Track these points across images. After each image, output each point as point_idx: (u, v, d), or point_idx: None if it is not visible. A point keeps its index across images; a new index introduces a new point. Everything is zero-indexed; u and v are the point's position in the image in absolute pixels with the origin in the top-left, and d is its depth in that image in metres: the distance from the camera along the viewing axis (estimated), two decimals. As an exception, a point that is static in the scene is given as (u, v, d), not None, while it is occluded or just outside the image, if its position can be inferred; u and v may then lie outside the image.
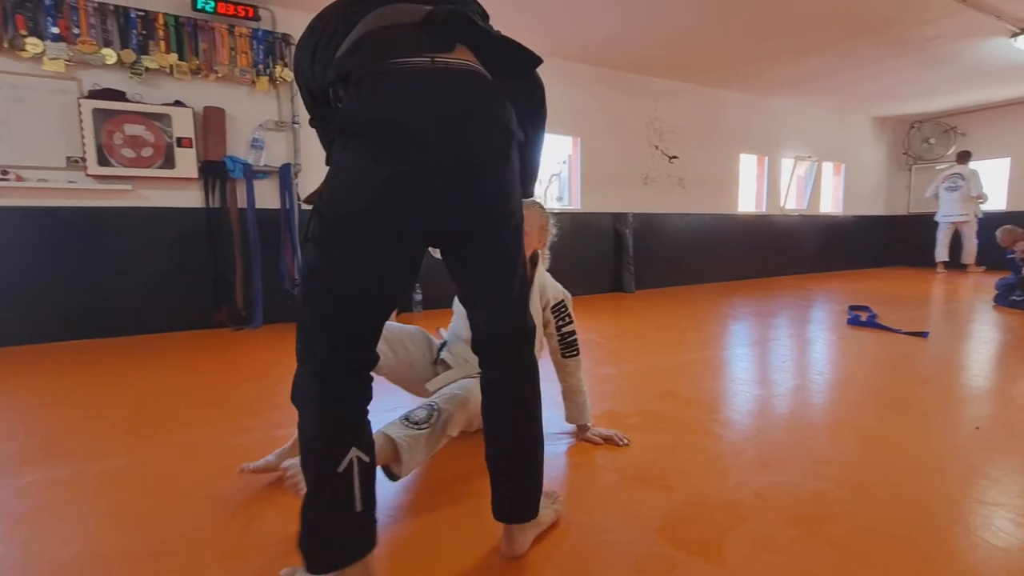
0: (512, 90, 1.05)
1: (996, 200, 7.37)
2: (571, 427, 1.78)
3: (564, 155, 5.60)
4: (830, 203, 7.77)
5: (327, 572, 0.93)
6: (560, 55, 4.95)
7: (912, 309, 4.22)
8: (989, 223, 6.45)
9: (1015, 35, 4.52)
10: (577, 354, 1.70)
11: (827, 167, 7.57)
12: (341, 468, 0.93)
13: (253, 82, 3.70)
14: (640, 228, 5.66)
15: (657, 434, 1.78)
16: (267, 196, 3.85)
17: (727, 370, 2.61)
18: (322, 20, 1.02)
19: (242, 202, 3.75)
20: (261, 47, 3.70)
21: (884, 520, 1.25)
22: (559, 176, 5.82)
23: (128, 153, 3.38)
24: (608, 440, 1.70)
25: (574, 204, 5.46)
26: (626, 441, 1.69)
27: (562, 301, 1.70)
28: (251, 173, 3.73)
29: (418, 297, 4.39)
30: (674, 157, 5.95)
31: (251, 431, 1.83)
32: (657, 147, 5.83)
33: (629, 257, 5.56)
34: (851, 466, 1.53)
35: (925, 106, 7.31)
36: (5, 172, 3.14)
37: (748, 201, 6.87)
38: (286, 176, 3.84)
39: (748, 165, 6.79)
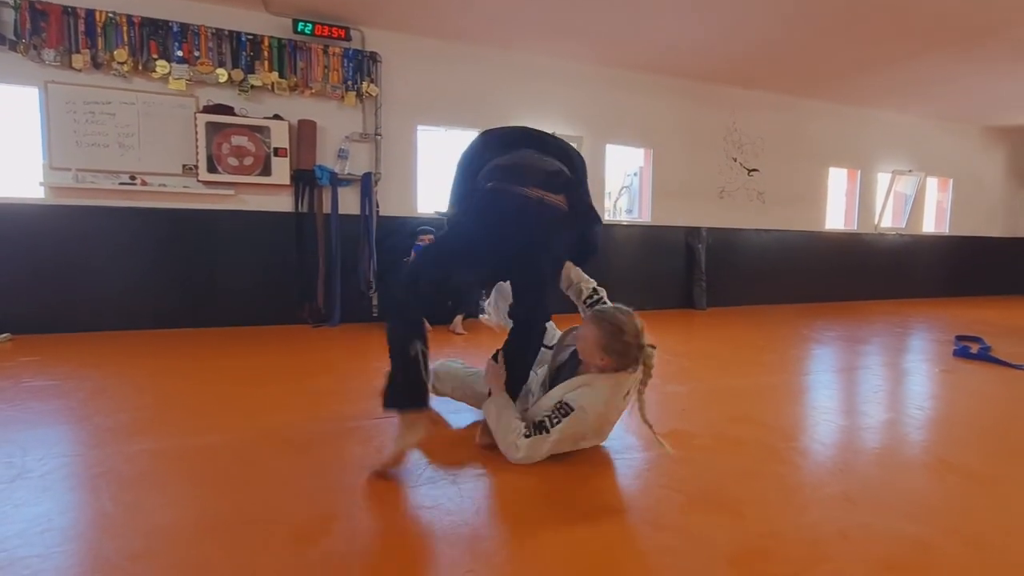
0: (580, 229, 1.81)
1: None
2: (635, 441, 1.72)
3: (635, 167, 5.51)
4: (934, 222, 7.05)
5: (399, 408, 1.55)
6: (633, 66, 4.89)
7: (1035, 343, 3.72)
8: None
9: None
10: (547, 432, 1.57)
11: (931, 182, 6.88)
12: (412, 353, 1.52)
13: (342, 97, 3.97)
14: (714, 243, 5.42)
15: (729, 458, 1.69)
16: (349, 203, 4.09)
17: (808, 396, 2.42)
18: (489, 135, 1.99)
19: (327, 208, 4.02)
20: (351, 65, 3.96)
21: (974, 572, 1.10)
22: (629, 188, 5.72)
23: (233, 162, 3.72)
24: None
25: (644, 217, 5.34)
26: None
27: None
28: (336, 181, 3.99)
29: (483, 304, 4.45)
30: (754, 170, 5.67)
31: (326, 421, 1.94)
32: (735, 159, 5.58)
33: (701, 273, 5.33)
34: (958, 514, 1.36)
35: (1055, 116, 6.48)
36: (133, 177, 3.57)
37: (836, 218, 6.39)
38: (367, 184, 4.06)
39: (838, 179, 6.33)
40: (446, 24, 4.01)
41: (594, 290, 1.85)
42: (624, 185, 5.86)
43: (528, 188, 1.61)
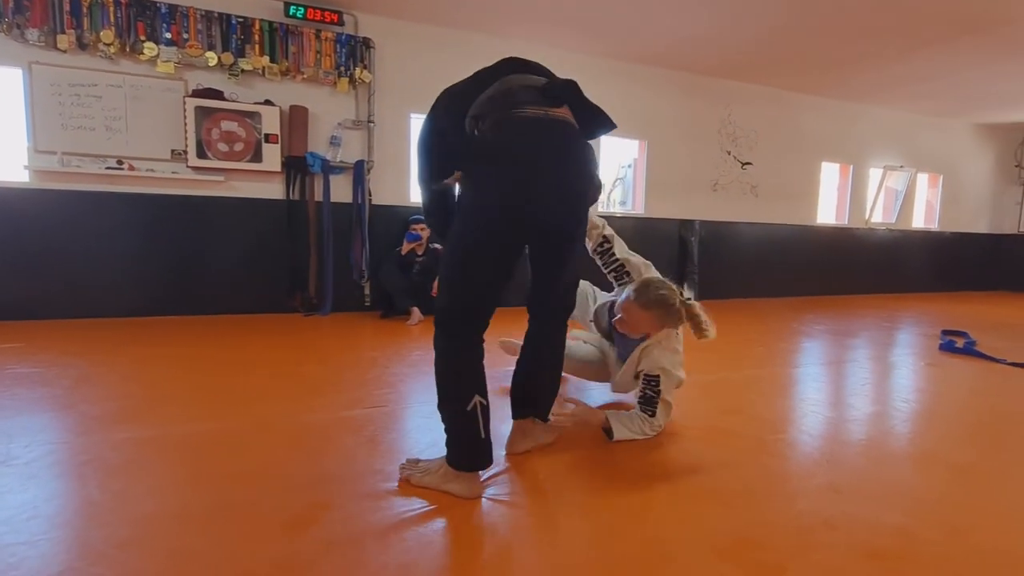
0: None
1: None
2: (629, 437, 1.74)
3: (629, 159, 5.50)
4: (923, 218, 7.12)
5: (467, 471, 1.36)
6: (628, 57, 4.87)
7: (1019, 338, 3.79)
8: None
9: None
10: (653, 415, 1.76)
11: (922, 178, 6.94)
12: (469, 408, 1.34)
13: (335, 83, 3.91)
14: (707, 236, 5.45)
15: (719, 450, 1.70)
16: (341, 191, 4.05)
17: (797, 389, 2.45)
18: (456, 86, 1.49)
19: (318, 196, 3.97)
20: (344, 50, 3.90)
21: (977, 568, 1.12)
22: (623, 180, 5.72)
23: (223, 147, 3.66)
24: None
25: (638, 209, 5.34)
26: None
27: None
28: (328, 168, 3.95)
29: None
30: (747, 163, 5.68)
31: (318, 410, 1.93)
32: (729, 152, 5.59)
33: (694, 266, 5.36)
34: (940, 503, 1.39)
35: (1045, 114, 6.54)
36: (120, 162, 3.50)
37: (828, 212, 6.43)
38: (360, 172, 4.02)
39: (830, 174, 6.36)
40: (440, 10, 3.96)
41: (604, 238, 1.95)
42: (618, 177, 5.85)
43: (538, 108, 1.31)
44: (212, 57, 3.59)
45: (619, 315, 1.77)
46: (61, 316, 3.49)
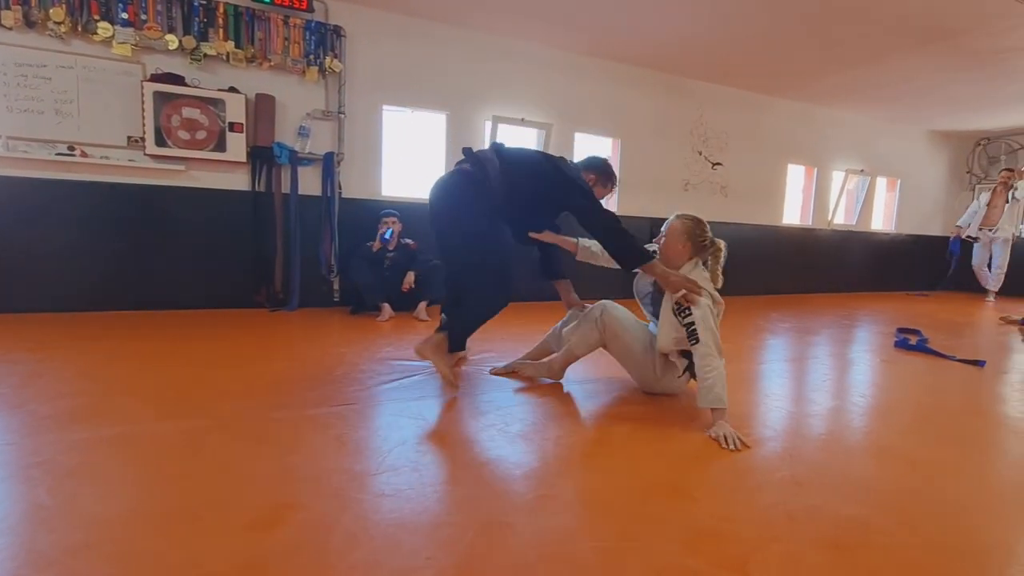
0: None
1: (1067, 226, 6.90)
2: (595, 431, 1.75)
3: (603, 157, 5.54)
4: (882, 220, 7.42)
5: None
6: (604, 54, 4.90)
7: (968, 336, 3.99)
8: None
9: (1101, 49, 4.20)
10: (697, 342, 1.88)
11: (880, 182, 7.23)
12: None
13: (303, 72, 3.81)
14: (678, 235, 5.54)
15: (687, 443, 1.73)
16: (310, 183, 3.95)
17: (760, 385, 2.52)
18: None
19: (286, 188, 3.87)
20: (313, 38, 3.80)
21: (928, 556, 1.17)
22: (598, 178, 5.75)
23: (184, 135, 3.52)
24: (717, 440, 1.73)
25: (611, 207, 5.38)
26: (736, 446, 1.69)
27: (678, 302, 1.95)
28: (296, 160, 3.84)
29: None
30: (718, 164, 5.80)
31: (283, 408, 1.88)
32: (701, 153, 5.69)
33: (665, 264, 5.44)
34: (895, 495, 1.45)
35: (993, 122, 6.90)
36: (72, 148, 3.33)
37: (793, 213, 6.63)
38: (329, 164, 3.93)
39: (796, 176, 6.56)
40: (415, 0, 3.89)
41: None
42: (591, 174, 5.88)
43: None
44: (172, 40, 3.44)
45: (661, 237, 2.07)
46: (8, 310, 3.30)
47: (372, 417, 1.87)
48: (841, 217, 6.91)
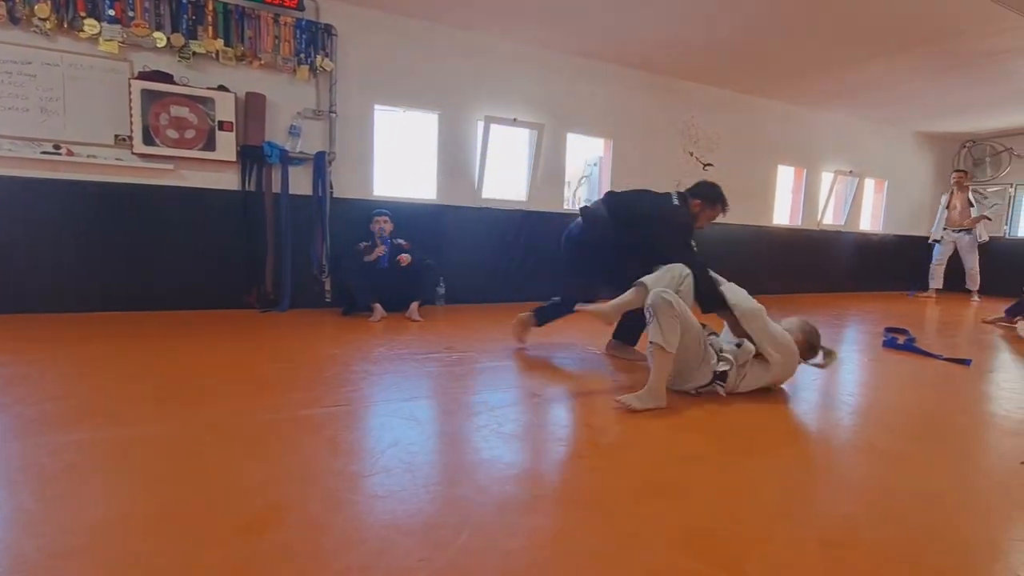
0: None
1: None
2: (589, 430, 1.75)
3: (595, 157, 5.56)
4: (869, 220, 7.51)
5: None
6: (596, 56, 4.91)
7: (954, 335, 4.05)
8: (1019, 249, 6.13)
9: (1082, 53, 4.28)
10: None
11: (868, 183, 7.32)
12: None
13: (294, 70, 3.78)
14: (669, 235, 5.57)
15: (677, 443, 1.74)
16: (301, 183, 3.92)
17: (753, 384, 2.53)
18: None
19: (276, 187, 3.84)
20: (304, 36, 3.77)
21: (915, 551, 1.19)
22: (589, 178, 5.78)
23: (172, 134, 3.48)
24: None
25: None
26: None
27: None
28: (287, 159, 3.81)
29: (441, 291, 4.41)
30: (708, 165, 5.84)
31: (275, 410, 1.86)
32: (692, 154, 5.73)
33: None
34: (883, 492, 1.47)
35: (978, 125, 7.00)
36: (58, 147, 3.28)
37: (783, 214, 6.69)
38: (320, 164, 3.90)
39: (785, 177, 6.61)
40: (407, 0, 3.88)
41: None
42: (584, 175, 5.91)
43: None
44: (160, 38, 3.40)
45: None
46: (-9, 311, 3.24)
47: (365, 418, 1.86)
48: (830, 218, 6.98)
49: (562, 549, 1.14)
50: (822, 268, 6.91)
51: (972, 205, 6.50)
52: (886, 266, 7.50)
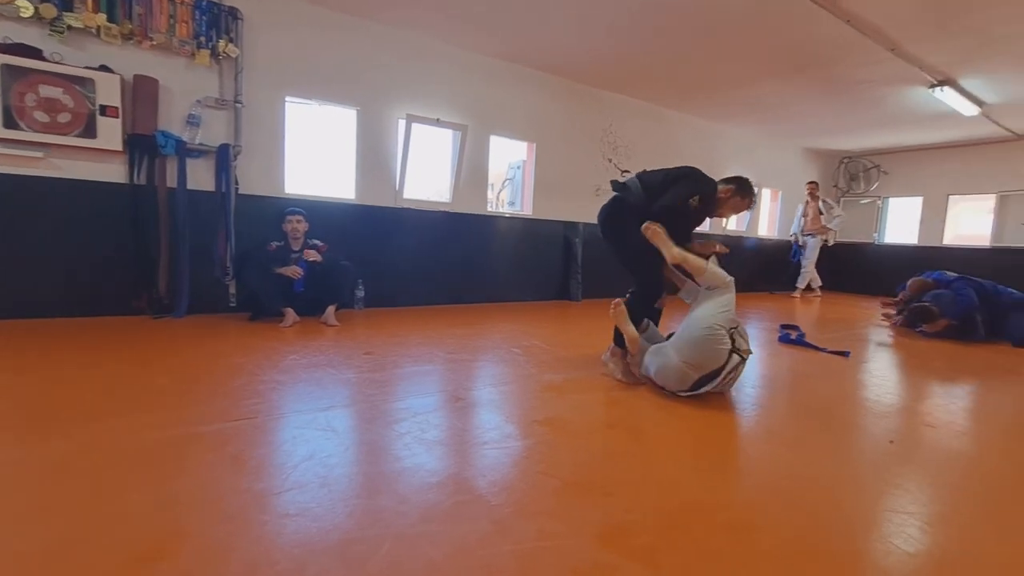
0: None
1: (909, 235, 8.13)
2: (515, 431, 1.75)
3: (518, 160, 5.62)
4: (767, 227, 8.23)
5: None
6: (521, 60, 4.97)
7: (837, 330, 4.53)
8: (899, 253, 7.05)
9: (934, 86, 4.97)
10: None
11: (766, 192, 8.03)
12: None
13: (192, 54, 3.46)
14: (590, 238, 5.75)
15: (599, 440, 1.78)
16: (202, 177, 3.60)
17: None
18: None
19: (172, 181, 3.49)
20: (204, 18, 3.46)
21: (808, 530, 1.29)
22: (512, 181, 5.83)
23: (41, 117, 3.05)
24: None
25: (526, 210, 5.48)
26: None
27: None
28: (184, 151, 3.48)
29: (360, 294, 4.23)
30: (626, 171, 6.11)
31: (167, 427, 1.67)
32: (610, 160, 5.96)
33: (577, 266, 5.63)
34: (780, 478, 1.59)
35: (854, 143, 7.93)
36: None
37: (692, 219, 7.14)
38: (224, 157, 3.60)
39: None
40: (321, -12, 3.69)
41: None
42: (507, 177, 5.95)
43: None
44: (26, 6, 2.97)
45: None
46: None
47: (275, 431, 1.73)
48: (734, 224, 7.57)
49: (487, 554, 1.11)
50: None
51: (821, 213, 7.35)
52: (779, 268, 8.26)
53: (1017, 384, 2.91)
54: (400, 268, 4.58)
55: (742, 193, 2.67)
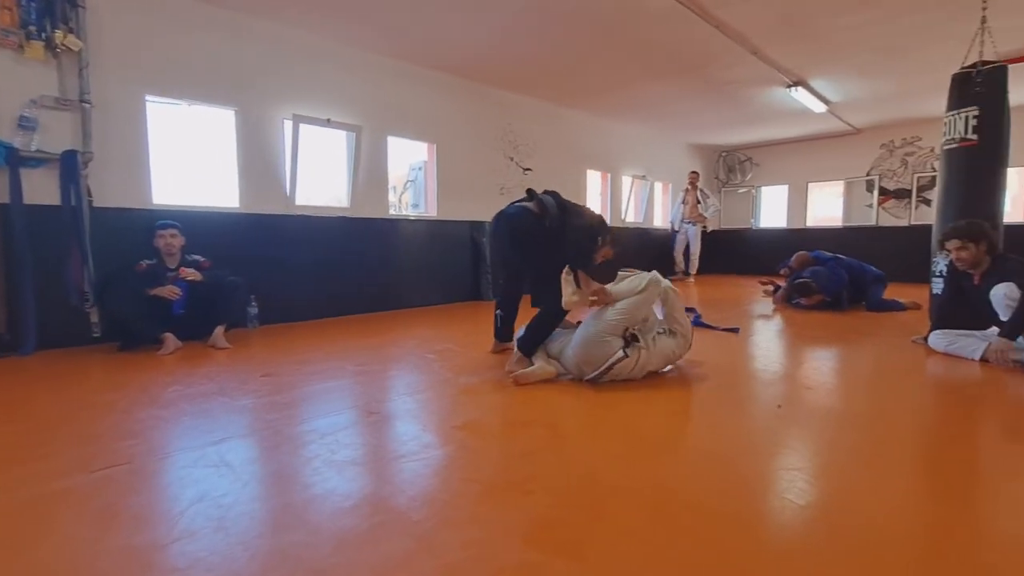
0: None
1: (779, 219, 9.14)
2: (433, 440, 1.68)
3: (419, 162, 5.50)
4: (661, 218, 8.81)
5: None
6: (415, 60, 4.86)
7: (725, 309, 4.94)
8: (773, 236, 7.88)
9: (790, 86, 5.61)
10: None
11: (658, 186, 8.59)
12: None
13: (21, 46, 2.95)
14: (497, 237, 5.78)
15: (519, 440, 1.77)
16: (43, 190, 3.08)
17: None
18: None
19: (3, 196, 2.95)
20: (33, 4, 2.97)
21: (715, 497, 1.36)
22: (414, 182, 5.69)
23: None
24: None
25: (431, 211, 5.37)
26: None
27: None
28: (18, 160, 2.95)
29: (254, 311, 3.88)
30: (528, 169, 6.21)
31: (20, 486, 1.39)
32: (512, 159, 6.03)
33: (487, 266, 5.63)
34: (690, 453, 1.68)
35: (730, 138, 8.74)
36: None
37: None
38: (70, 166, 3.11)
39: (594, 180, 7.39)
40: (182, -25, 3.32)
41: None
42: (409, 179, 5.80)
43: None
44: None
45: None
46: None
47: (156, 474, 1.51)
48: (632, 215, 8.01)
49: (413, 572, 1.04)
50: (629, 261, 7.84)
51: (699, 203, 8.05)
52: (670, 255, 8.85)
53: (874, 344, 3.36)
54: (298, 279, 4.27)
55: (611, 245, 2.74)
